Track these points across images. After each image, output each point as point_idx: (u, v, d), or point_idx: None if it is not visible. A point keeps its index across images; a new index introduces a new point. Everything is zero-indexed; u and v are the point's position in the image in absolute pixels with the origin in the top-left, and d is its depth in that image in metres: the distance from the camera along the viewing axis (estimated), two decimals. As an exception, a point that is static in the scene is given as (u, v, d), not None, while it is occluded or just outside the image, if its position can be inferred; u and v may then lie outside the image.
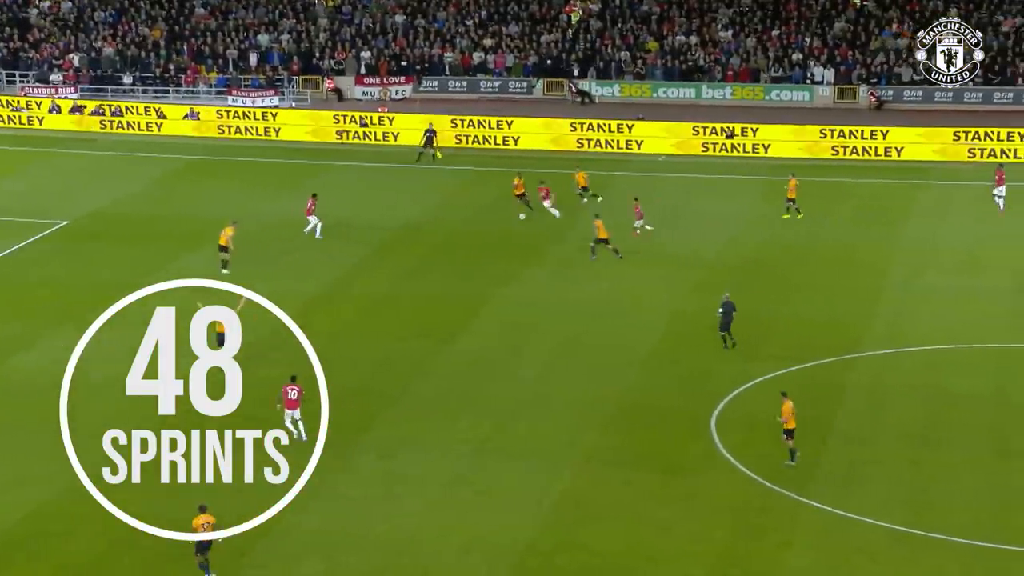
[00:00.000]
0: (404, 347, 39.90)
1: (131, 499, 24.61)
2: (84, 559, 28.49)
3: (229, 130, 65.40)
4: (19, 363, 38.54)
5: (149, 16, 74.24)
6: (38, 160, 61.20)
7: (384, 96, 70.17)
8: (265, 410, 32.70)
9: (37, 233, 49.91)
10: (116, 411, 25.69)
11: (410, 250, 48.60)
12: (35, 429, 34.39)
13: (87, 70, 70.36)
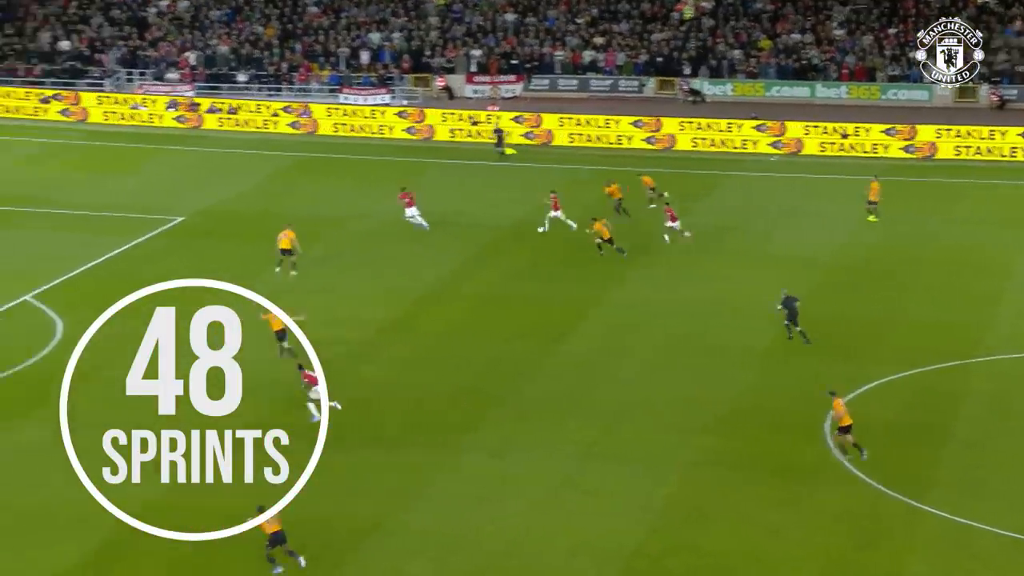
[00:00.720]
0: (512, 348, 39.83)
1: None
2: (191, 553, 28.75)
3: (341, 128, 65.89)
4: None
5: (263, 15, 75.08)
6: (155, 157, 62.13)
7: (494, 95, 70.24)
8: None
9: (153, 229, 50.65)
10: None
11: (519, 250, 48.54)
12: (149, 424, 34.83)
13: (203, 68, 71.34)
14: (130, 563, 28.52)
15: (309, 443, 24.59)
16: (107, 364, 28.24)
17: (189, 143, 64.28)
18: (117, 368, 24.97)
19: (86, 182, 57.37)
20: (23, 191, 55.32)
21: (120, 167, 60.42)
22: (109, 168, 60.20)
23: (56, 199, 54.32)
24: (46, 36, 72.76)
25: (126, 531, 29.33)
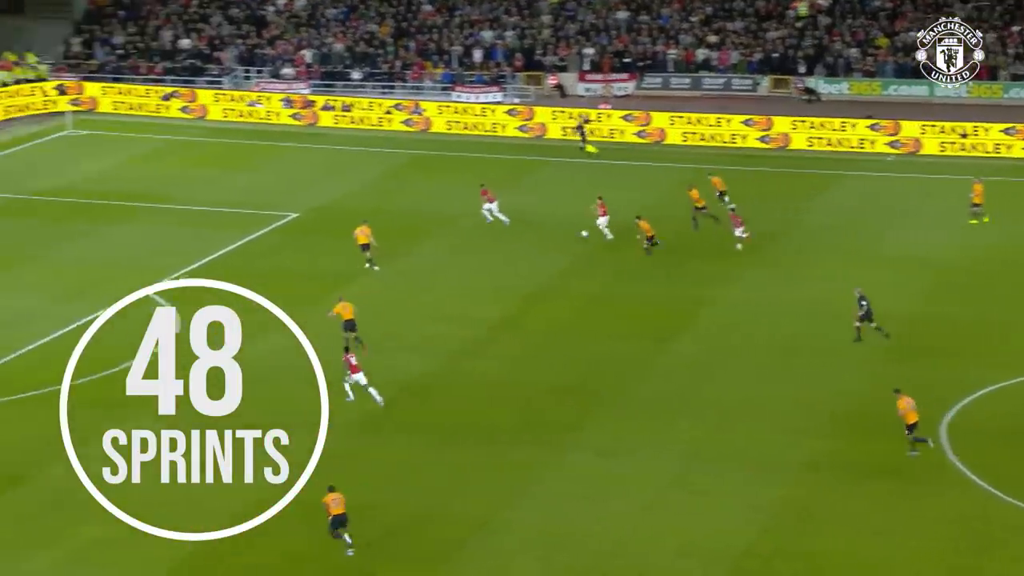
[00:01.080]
0: (621, 346, 39.64)
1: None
2: (306, 547, 29.03)
3: (454, 126, 66.11)
4: (257, 350, 39.43)
5: (378, 13, 75.59)
6: (272, 154, 62.83)
7: (606, 93, 70.00)
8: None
9: (268, 225, 51.24)
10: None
11: (628, 249, 48.28)
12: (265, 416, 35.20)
13: (318, 66, 72.03)
14: (243, 552, 28.79)
15: (310, 443, 24.30)
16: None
17: (305, 140, 64.90)
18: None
19: (204, 178, 58.20)
20: (144, 187, 56.28)
21: (237, 164, 61.20)
22: (227, 165, 61.02)
23: (176, 195, 55.16)
24: (167, 35, 73.96)
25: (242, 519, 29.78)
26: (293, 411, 32.06)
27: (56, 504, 30.47)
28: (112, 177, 58.08)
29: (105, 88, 68.86)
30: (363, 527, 29.67)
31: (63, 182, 56.85)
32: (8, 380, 36.89)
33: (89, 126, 66.08)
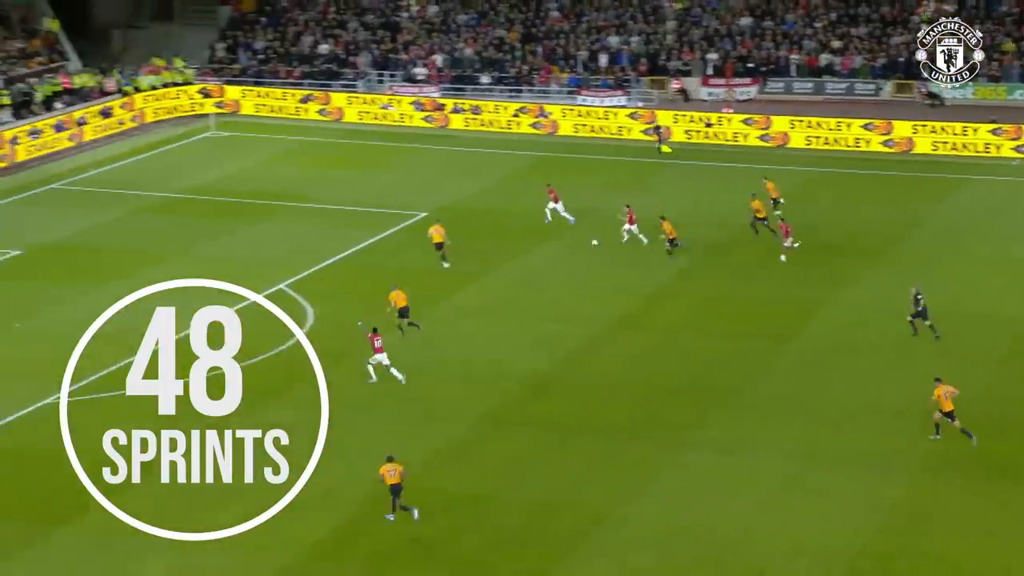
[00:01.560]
0: (741, 346, 39.42)
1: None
2: (432, 532, 29.34)
3: (580, 128, 66.17)
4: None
5: (507, 19, 75.93)
6: (404, 155, 63.48)
7: (729, 97, 69.52)
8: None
9: (397, 224, 51.81)
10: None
11: (748, 250, 47.98)
12: (391, 408, 35.76)
13: (448, 70, 72.59)
14: (371, 536, 29.23)
15: (310, 443, 24.24)
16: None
17: (435, 142, 65.45)
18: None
19: (339, 178, 59.02)
20: (282, 186, 57.21)
21: (370, 164, 61.94)
22: (360, 165, 61.80)
23: (311, 194, 56.00)
24: (307, 40, 75.10)
25: (371, 504, 30.25)
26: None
27: (201, 487, 31.02)
28: (252, 177, 59.16)
29: (245, 91, 70.16)
30: (484, 518, 29.94)
31: (206, 181, 58.06)
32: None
33: (231, 128, 67.37)
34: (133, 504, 29.54)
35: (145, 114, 68.03)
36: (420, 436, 34.07)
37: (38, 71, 67.18)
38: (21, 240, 49.37)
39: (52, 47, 70.59)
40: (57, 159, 61.46)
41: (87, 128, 64.52)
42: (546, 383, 37.39)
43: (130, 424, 24.08)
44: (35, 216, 52.73)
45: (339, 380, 37.26)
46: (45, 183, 57.55)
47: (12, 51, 68.17)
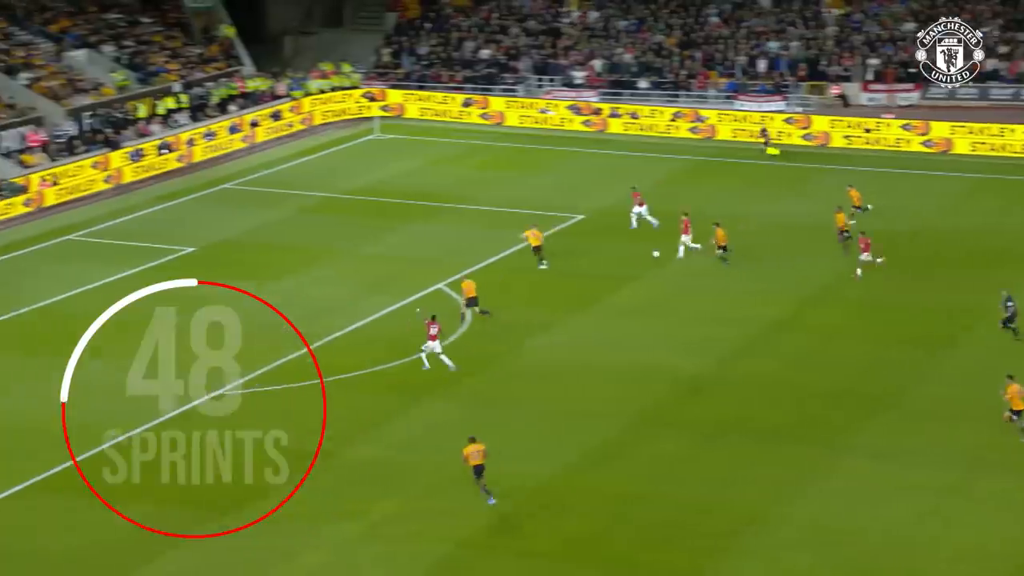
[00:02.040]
0: (899, 352, 38.48)
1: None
2: (586, 531, 29.21)
3: (739, 133, 65.40)
4: (536, 345, 40.10)
5: (667, 25, 75.42)
6: (563, 159, 63.47)
7: (890, 103, 68.01)
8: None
9: (555, 226, 51.76)
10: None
11: (908, 256, 46.83)
12: (545, 407, 35.74)
13: (606, 75, 72.37)
14: (525, 534, 29.17)
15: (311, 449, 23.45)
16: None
17: (594, 146, 65.29)
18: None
19: (499, 181, 59.25)
20: (443, 188, 57.64)
21: (530, 167, 62.06)
22: (520, 168, 61.95)
23: (472, 196, 56.30)
24: (469, 45, 75.59)
25: (525, 501, 30.24)
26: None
27: (360, 479, 31.52)
28: (414, 178, 59.71)
29: (407, 95, 70.87)
30: (637, 516, 29.70)
31: (370, 182, 58.78)
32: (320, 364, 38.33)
33: (394, 130, 68.13)
34: (296, 496, 30.10)
35: (313, 117, 69.20)
36: (572, 435, 33.95)
37: (214, 75, 68.82)
38: (194, 238, 50.56)
39: (228, 53, 72.26)
40: (230, 160, 62.83)
41: (259, 130, 65.86)
42: (699, 384, 36.97)
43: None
44: (207, 214, 53.97)
45: (493, 379, 37.46)
46: (218, 183, 58.88)
47: (192, 56, 69.95)
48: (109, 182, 57.81)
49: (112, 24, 69.99)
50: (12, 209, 53.52)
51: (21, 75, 61.35)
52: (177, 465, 32.04)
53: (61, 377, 36.99)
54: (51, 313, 42.65)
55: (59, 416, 34.51)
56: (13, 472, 31.63)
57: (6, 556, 28.11)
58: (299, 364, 38.32)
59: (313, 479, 31.25)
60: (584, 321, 41.80)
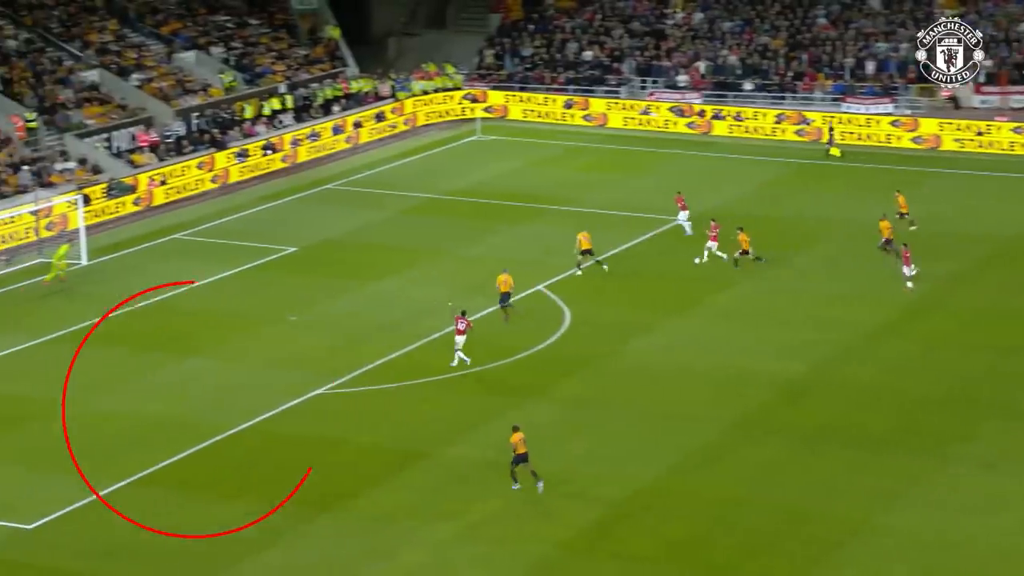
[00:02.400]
0: (1009, 360, 37.74)
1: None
2: (685, 535, 29.05)
3: (847, 136, 64.56)
4: (635, 347, 39.98)
5: (773, 26, 74.73)
6: (665, 161, 63.19)
7: (1003, 105, 66.72)
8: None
9: (655, 228, 51.47)
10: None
11: (1016, 264, 45.93)
12: (644, 410, 35.60)
13: (710, 76, 71.91)
14: (624, 537, 29.10)
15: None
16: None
17: (698, 148, 64.91)
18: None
19: (600, 182, 59.15)
20: (544, 190, 57.70)
21: (632, 169, 61.88)
22: (622, 169, 61.81)
23: (572, 198, 56.28)
24: (572, 47, 75.56)
25: (624, 504, 30.15)
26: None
27: (458, 479, 31.66)
28: (515, 180, 59.83)
29: (508, 96, 71.04)
30: (736, 523, 29.45)
31: (471, 183, 59.00)
32: (415, 365, 38.62)
33: (496, 131, 68.33)
34: (395, 495, 30.36)
35: (416, 118, 69.67)
36: (672, 438, 33.78)
37: (319, 76, 69.59)
38: (297, 237, 51.15)
39: (333, 54, 73.06)
40: (333, 160, 63.49)
41: (362, 131, 66.47)
42: (799, 389, 36.58)
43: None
44: (310, 214, 54.59)
45: (592, 381, 37.42)
46: (321, 183, 59.52)
47: (297, 58, 70.83)
48: (215, 182, 58.75)
49: (220, 26, 71.14)
50: (122, 208, 54.60)
51: (133, 76, 62.58)
52: (273, 463, 32.54)
53: (169, 373, 37.92)
54: (157, 311, 43.42)
55: (168, 411, 35.26)
56: (120, 466, 32.25)
57: (113, 551, 28.66)
58: (401, 363, 38.63)
59: (411, 479, 31.48)
60: (684, 323, 41.58)
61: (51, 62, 61.43)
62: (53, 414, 35.28)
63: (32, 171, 53.91)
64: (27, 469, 32.28)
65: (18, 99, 57.91)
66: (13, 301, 44.55)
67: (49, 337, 40.86)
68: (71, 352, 39.61)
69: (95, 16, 66.70)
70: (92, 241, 49.20)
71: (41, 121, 57.22)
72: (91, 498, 30.63)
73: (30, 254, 48.91)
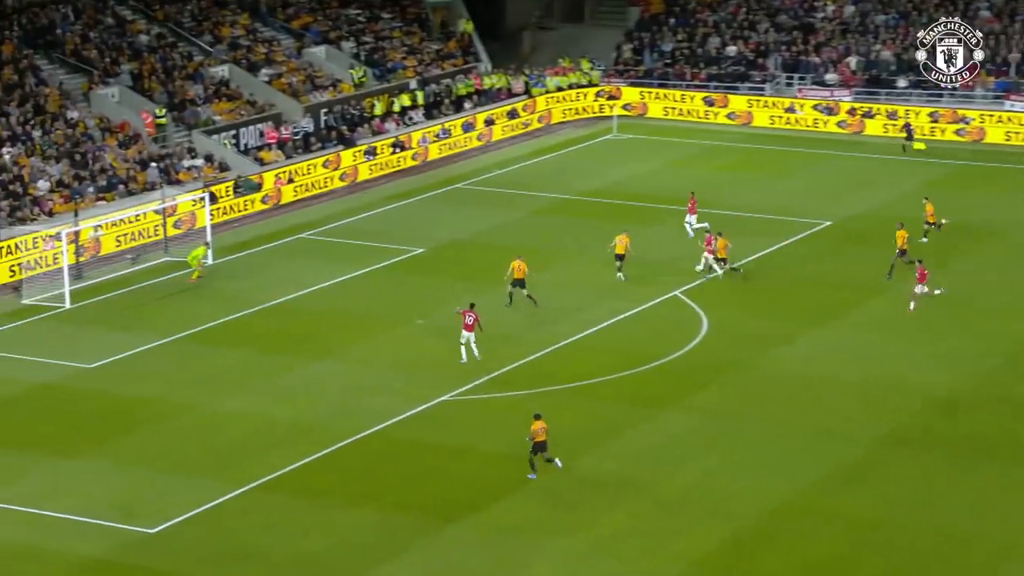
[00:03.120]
0: None
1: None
2: (827, 556, 28.71)
3: (1013, 136, 63.20)
4: (776, 356, 39.62)
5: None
6: (811, 161, 62.48)
7: None
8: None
9: (798, 233, 51.01)
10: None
11: None
12: (784, 423, 35.24)
13: (861, 73, 70.88)
14: (761, 557, 28.87)
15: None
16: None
17: (848, 148, 64.07)
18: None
19: (741, 183, 58.72)
20: (682, 191, 57.36)
21: (775, 170, 61.31)
22: (765, 170, 61.28)
23: (710, 199, 55.86)
24: (714, 41, 75.10)
25: (762, 522, 29.92)
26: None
27: (588, 491, 31.67)
28: (652, 180, 59.66)
29: (647, 93, 70.84)
30: (884, 545, 29.00)
31: (605, 183, 58.97)
32: (544, 372, 38.74)
33: (633, 130, 68.22)
34: (522, 506, 30.49)
35: (550, 115, 69.88)
36: (814, 453, 33.40)
37: (451, 72, 70.20)
38: (425, 238, 51.64)
39: (466, 49, 73.62)
40: (464, 159, 63.98)
41: (494, 128, 66.89)
42: (953, 403, 35.93)
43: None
44: (439, 214, 55.06)
45: (730, 392, 37.17)
46: (451, 182, 60.01)
47: (429, 52, 71.52)
48: (343, 180, 59.61)
49: (352, 20, 72.14)
50: (250, 206, 55.69)
51: (262, 72, 63.78)
52: (398, 470, 32.90)
53: (295, 375, 38.59)
54: (283, 311, 44.19)
55: (293, 414, 35.88)
56: (244, 470, 32.84)
57: (237, 556, 29.21)
58: (530, 369, 38.79)
59: (540, 490, 31.59)
60: (827, 332, 41.10)
61: (181, 57, 62.90)
62: (178, 415, 36.11)
63: (160, 168, 55.26)
64: (151, 471, 33.06)
65: (148, 95, 59.41)
66: (140, 300, 45.71)
67: (175, 337, 41.82)
68: (197, 352, 40.53)
69: (227, 10, 68.13)
70: (218, 239, 50.28)
71: (170, 117, 58.66)
72: (215, 502, 31.26)
73: (156, 252, 50.10)
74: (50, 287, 45.55)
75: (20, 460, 33.60)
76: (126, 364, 39.89)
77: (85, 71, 59.24)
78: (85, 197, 51.56)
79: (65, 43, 60.28)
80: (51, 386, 38.27)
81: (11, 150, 52.77)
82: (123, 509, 31.05)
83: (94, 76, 58.88)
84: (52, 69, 59.19)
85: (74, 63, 59.65)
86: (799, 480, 31.86)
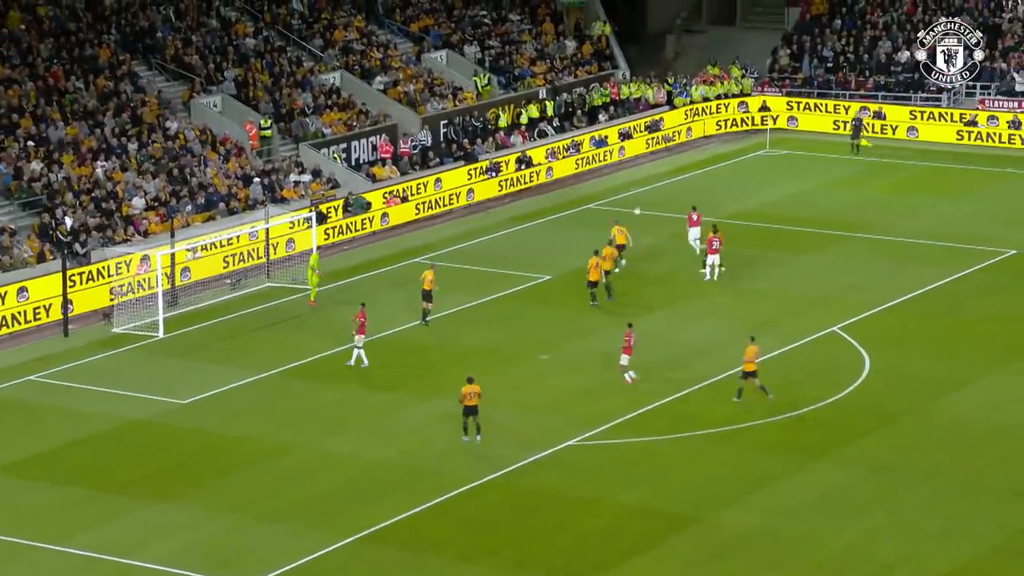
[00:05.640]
0: None
1: None
2: None
3: None
4: (953, 402, 38.95)
5: None
6: (992, 181, 61.50)
7: None
8: None
9: (979, 262, 50.14)
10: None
11: None
12: (961, 480, 34.56)
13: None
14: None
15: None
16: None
17: (1033, 166, 63.10)
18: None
19: (909, 206, 58.01)
20: (841, 214, 56.85)
21: (949, 190, 60.44)
22: (936, 191, 60.45)
23: (874, 223, 55.29)
24: (884, 46, 74.13)
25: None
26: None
27: (733, 550, 31.30)
28: (807, 201, 59.13)
29: (805, 103, 70.04)
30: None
31: (755, 205, 58.54)
32: (685, 414, 38.48)
33: (788, 145, 67.69)
34: (660, 567, 30.23)
35: (695, 128, 69.65)
36: (992, 514, 32.71)
37: (585, 80, 70.25)
38: (551, 264, 51.61)
39: (602, 54, 73.64)
40: (597, 176, 63.95)
41: (631, 143, 66.80)
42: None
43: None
44: (568, 238, 54.91)
45: (896, 441, 36.59)
46: (582, 202, 59.97)
47: (561, 58, 71.59)
48: (463, 199, 59.88)
49: (477, 22, 72.25)
50: (360, 227, 56.10)
51: (377, 79, 64.36)
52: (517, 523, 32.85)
53: (405, 415, 38.73)
54: (392, 344, 44.45)
55: (399, 457, 36.04)
56: (348, 519, 33.00)
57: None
58: (668, 411, 38.57)
59: (679, 547, 31.32)
60: (1012, 375, 40.31)
61: (290, 63, 63.68)
62: (277, 457, 36.49)
63: (263, 184, 55.95)
64: (247, 518, 33.39)
65: (252, 104, 60.22)
66: (239, 329, 46.32)
67: (276, 371, 42.31)
68: (299, 388, 40.95)
69: (341, 12, 68.72)
70: (325, 263, 50.78)
71: (276, 129, 59.44)
72: (316, 554, 31.46)
73: (258, 277, 50.74)
74: (143, 314, 46.40)
75: (107, 504, 34.16)
76: (222, 400, 40.45)
77: (186, 78, 60.32)
78: (183, 215, 52.31)
79: (165, 48, 61.32)
80: (142, 423, 38.93)
81: (104, 164, 53.83)
82: (218, 559, 31.38)
83: (195, 84, 59.89)
84: (151, 76, 60.34)
85: (174, 69, 60.70)
86: (978, 544, 31.22)
